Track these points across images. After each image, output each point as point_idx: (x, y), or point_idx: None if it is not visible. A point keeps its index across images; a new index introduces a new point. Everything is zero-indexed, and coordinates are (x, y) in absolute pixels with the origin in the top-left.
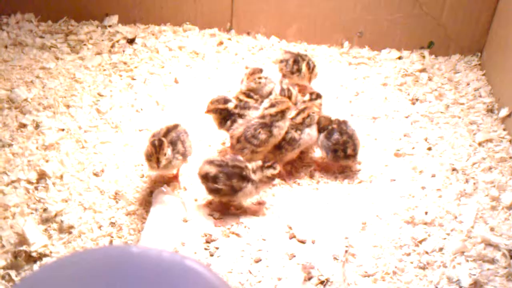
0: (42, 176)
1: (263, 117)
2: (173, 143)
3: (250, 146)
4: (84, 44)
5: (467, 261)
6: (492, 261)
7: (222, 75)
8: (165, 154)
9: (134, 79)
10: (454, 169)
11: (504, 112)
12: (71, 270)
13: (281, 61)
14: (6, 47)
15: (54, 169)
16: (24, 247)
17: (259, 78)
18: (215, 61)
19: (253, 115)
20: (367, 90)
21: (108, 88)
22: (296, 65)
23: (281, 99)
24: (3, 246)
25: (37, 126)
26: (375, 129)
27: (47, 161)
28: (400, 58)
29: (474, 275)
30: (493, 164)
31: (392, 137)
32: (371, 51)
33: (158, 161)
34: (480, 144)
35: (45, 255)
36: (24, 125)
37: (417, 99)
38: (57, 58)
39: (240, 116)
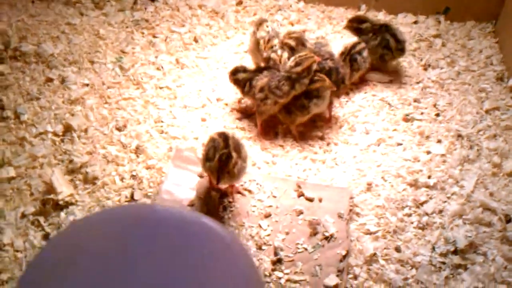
0: (68, 129)
1: (288, 72)
2: (236, 151)
3: (273, 97)
4: (108, 1)
5: (465, 223)
6: (489, 224)
7: (240, 36)
8: (235, 166)
9: (156, 37)
10: (459, 135)
11: None
12: (101, 227)
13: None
14: (33, 2)
15: (79, 123)
16: (51, 196)
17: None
18: (234, 21)
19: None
20: None
21: (130, 45)
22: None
23: (305, 55)
24: (32, 194)
25: (63, 80)
26: (388, 94)
27: (72, 115)
28: (415, 22)
29: (470, 237)
30: (498, 132)
31: (403, 102)
32: (388, 15)
33: (230, 175)
34: (487, 111)
35: (71, 204)
36: (50, 80)
37: (429, 65)
38: (81, 14)
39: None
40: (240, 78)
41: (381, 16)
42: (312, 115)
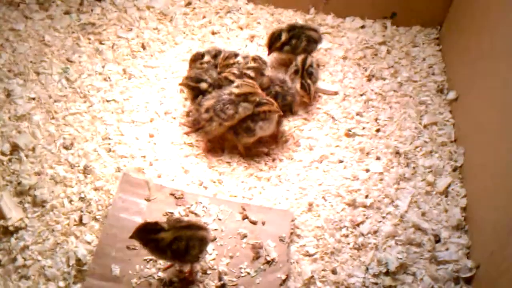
0: (15, 148)
1: (231, 94)
2: None
3: (218, 119)
4: (53, 1)
5: (397, 244)
6: (419, 244)
7: (189, 41)
8: None
9: (102, 44)
10: (397, 152)
11: (451, 95)
12: None
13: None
14: None
15: (26, 142)
16: (1, 222)
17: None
18: (182, 25)
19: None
20: (327, 64)
21: (76, 53)
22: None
23: (247, 82)
24: None
25: (8, 94)
26: (332, 107)
27: (19, 132)
28: (363, 27)
29: (401, 258)
30: (434, 148)
31: (346, 115)
32: (336, 18)
33: None
34: (425, 126)
35: (21, 228)
36: None
37: (373, 75)
38: (26, 17)
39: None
40: (201, 87)
41: (330, 20)
42: (258, 137)
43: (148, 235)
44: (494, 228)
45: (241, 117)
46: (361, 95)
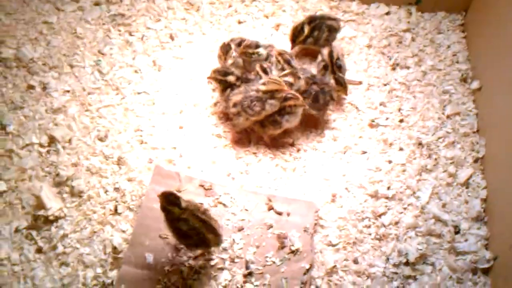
0: (52, 140)
1: (258, 91)
2: None
3: (245, 114)
4: None
5: (417, 235)
6: (439, 235)
7: (215, 32)
8: None
9: (132, 35)
10: (420, 144)
11: (475, 84)
12: None
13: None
14: None
15: (63, 134)
16: (42, 212)
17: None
18: (209, 14)
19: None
20: (352, 53)
21: (108, 45)
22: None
23: (273, 79)
24: (23, 207)
25: (44, 88)
26: (356, 97)
27: (56, 124)
28: (388, 13)
29: (421, 249)
30: (456, 139)
31: (369, 105)
32: (361, 5)
33: None
34: (448, 116)
35: (61, 217)
36: (32, 87)
37: (397, 64)
38: (58, 10)
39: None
40: (228, 80)
41: (354, 7)
42: (284, 129)
43: (166, 202)
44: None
45: (268, 113)
46: (385, 84)
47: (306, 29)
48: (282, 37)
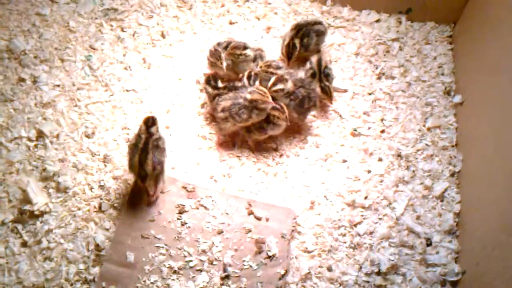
0: (40, 134)
1: (245, 99)
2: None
3: (232, 120)
4: None
5: (390, 246)
6: (411, 247)
7: (206, 31)
8: None
9: (124, 31)
10: (399, 155)
11: (457, 98)
12: None
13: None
14: None
15: (51, 129)
16: (28, 207)
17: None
18: (201, 13)
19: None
20: (340, 60)
21: (99, 41)
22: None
23: (259, 90)
24: (10, 201)
25: (35, 81)
26: (340, 105)
27: (44, 119)
28: (378, 21)
29: (393, 260)
30: (435, 152)
31: (353, 114)
32: (352, 11)
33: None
34: (429, 129)
35: (46, 212)
36: (23, 80)
37: (383, 74)
38: (51, 1)
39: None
40: (210, 91)
41: (346, 12)
42: (268, 135)
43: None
44: (482, 239)
45: (254, 121)
46: (370, 94)
47: (298, 43)
48: (272, 40)
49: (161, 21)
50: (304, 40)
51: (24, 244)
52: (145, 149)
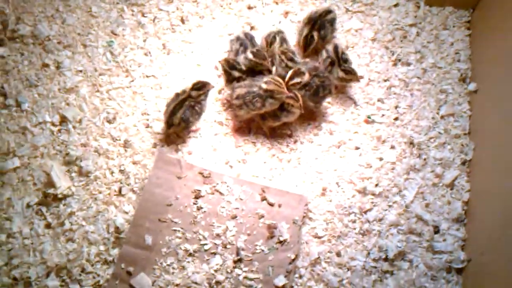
0: (63, 119)
1: (260, 88)
2: None
3: (246, 108)
4: None
5: (398, 233)
6: (419, 234)
7: (225, 16)
8: None
9: (145, 16)
10: (411, 143)
11: (472, 86)
12: None
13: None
14: None
15: (74, 114)
16: (51, 190)
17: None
18: None
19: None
20: (356, 46)
21: (120, 26)
22: None
23: (275, 80)
24: (35, 184)
25: (58, 67)
26: (356, 91)
27: (68, 104)
28: (396, 5)
29: (400, 247)
30: (447, 140)
31: (367, 101)
32: None
33: None
34: (442, 117)
35: (69, 196)
36: (47, 65)
37: (399, 60)
38: None
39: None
40: (233, 74)
41: None
42: (282, 122)
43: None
44: (488, 229)
45: (268, 110)
46: (385, 80)
47: (316, 36)
48: (290, 25)
49: (181, 6)
50: (322, 32)
51: (48, 225)
52: (181, 104)
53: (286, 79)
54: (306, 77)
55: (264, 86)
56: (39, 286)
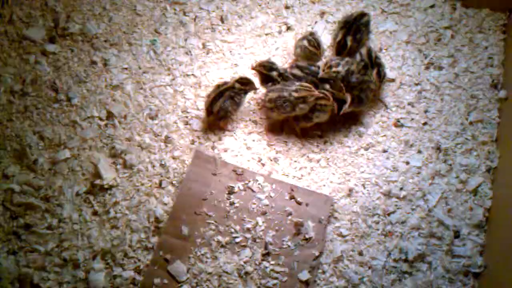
0: (110, 115)
1: (290, 95)
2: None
3: (277, 111)
4: None
5: (420, 236)
6: (440, 238)
7: (263, 16)
8: None
9: (186, 15)
10: (438, 148)
11: (502, 93)
12: None
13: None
14: None
15: (119, 110)
16: (98, 181)
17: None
18: None
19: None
20: (390, 48)
21: (163, 25)
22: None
23: (304, 87)
24: (83, 174)
25: (105, 64)
26: (386, 94)
27: (114, 100)
28: (432, 6)
29: (420, 250)
30: (474, 146)
31: (398, 104)
32: None
33: None
34: (471, 123)
35: (114, 186)
36: (95, 62)
37: (432, 64)
38: None
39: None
40: (271, 75)
41: None
42: (314, 123)
43: None
44: (506, 238)
45: (298, 114)
46: (417, 84)
47: (350, 41)
48: (326, 25)
49: (221, 5)
50: (357, 36)
51: (95, 213)
52: (222, 93)
53: (323, 67)
54: (340, 67)
55: (295, 94)
56: (86, 267)
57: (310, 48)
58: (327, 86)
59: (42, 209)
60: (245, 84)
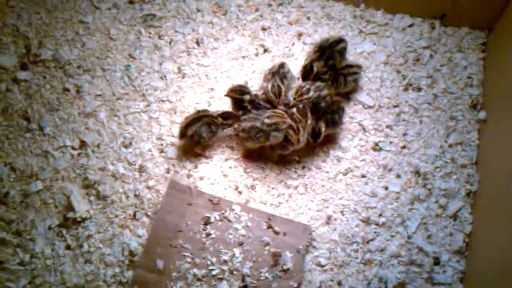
0: (83, 144)
1: (263, 124)
2: None
3: (251, 141)
4: None
5: (399, 264)
6: (420, 265)
7: (239, 38)
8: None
9: (161, 39)
10: (417, 172)
11: (482, 114)
12: None
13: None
14: None
15: (92, 139)
16: (71, 214)
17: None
18: (235, 19)
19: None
20: (367, 70)
21: (138, 49)
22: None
23: (276, 113)
24: (56, 206)
25: (78, 91)
26: (365, 117)
27: (87, 128)
28: (411, 25)
29: (400, 278)
30: (453, 170)
31: (376, 127)
32: (386, 14)
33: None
34: (450, 146)
35: (87, 219)
36: (67, 89)
37: (410, 85)
38: (94, 7)
39: (252, 109)
40: (246, 98)
41: (379, 17)
42: (291, 151)
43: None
44: (488, 264)
45: (272, 143)
46: (395, 106)
47: (316, 67)
48: (303, 46)
49: (197, 27)
50: (329, 62)
51: (68, 247)
52: (200, 119)
53: (293, 95)
54: (312, 92)
55: (267, 121)
56: None
57: (270, 94)
58: (294, 110)
59: (14, 244)
60: (228, 119)
